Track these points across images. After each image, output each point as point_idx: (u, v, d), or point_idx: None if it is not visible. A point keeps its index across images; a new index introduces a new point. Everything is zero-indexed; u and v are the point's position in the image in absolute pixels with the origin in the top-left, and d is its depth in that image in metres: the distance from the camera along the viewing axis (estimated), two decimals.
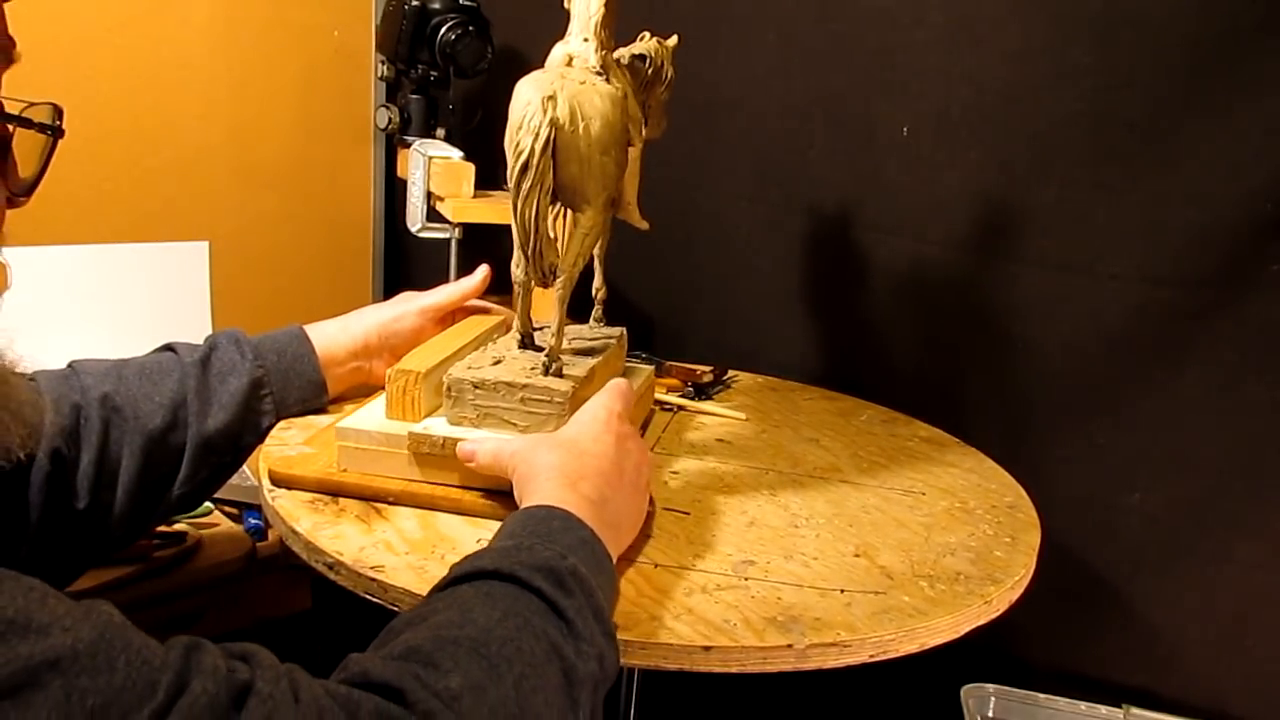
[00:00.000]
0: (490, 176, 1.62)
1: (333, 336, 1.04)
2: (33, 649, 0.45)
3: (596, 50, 0.91)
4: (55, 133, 0.69)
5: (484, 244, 1.70)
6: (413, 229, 1.65)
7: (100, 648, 0.47)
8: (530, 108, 0.84)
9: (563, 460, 0.77)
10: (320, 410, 1.03)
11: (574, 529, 0.70)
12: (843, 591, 0.78)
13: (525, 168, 0.83)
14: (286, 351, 1.00)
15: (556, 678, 0.59)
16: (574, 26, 0.93)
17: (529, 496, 0.75)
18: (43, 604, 0.47)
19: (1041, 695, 1.23)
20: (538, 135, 0.83)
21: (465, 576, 0.64)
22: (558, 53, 0.93)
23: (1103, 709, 1.22)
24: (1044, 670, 1.29)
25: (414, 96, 1.79)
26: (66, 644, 0.46)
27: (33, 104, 0.69)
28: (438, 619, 0.60)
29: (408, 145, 1.71)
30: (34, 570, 0.85)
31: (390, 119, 1.81)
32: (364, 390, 1.07)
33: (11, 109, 0.67)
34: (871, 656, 0.72)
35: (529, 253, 0.87)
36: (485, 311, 1.16)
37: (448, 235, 1.65)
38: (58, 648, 0.46)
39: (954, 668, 1.22)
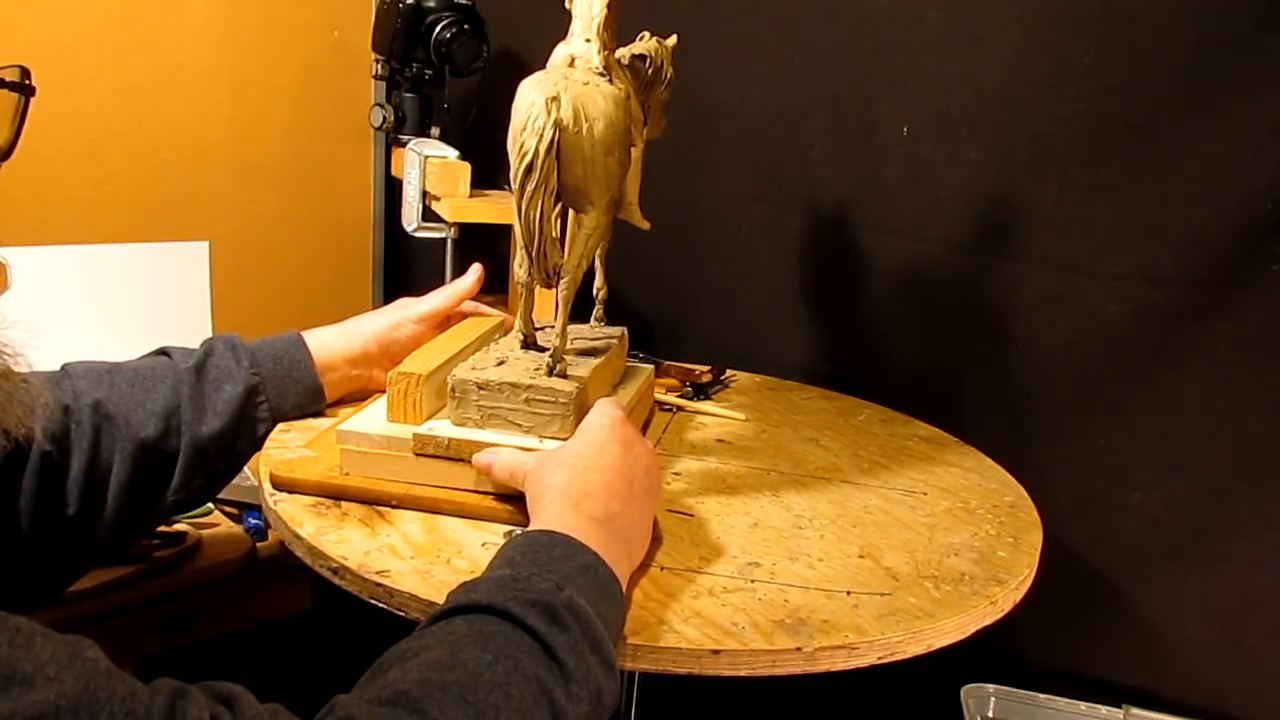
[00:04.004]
0: (486, 176, 1.61)
1: (330, 343, 1.03)
2: (15, 705, 0.44)
3: (599, 51, 0.91)
4: (25, 91, 0.69)
5: (480, 244, 1.70)
6: (408, 228, 1.64)
7: (84, 701, 0.46)
8: (534, 109, 0.84)
9: (567, 480, 0.76)
10: (318, 415, 1.03)
11: (575, 555, 0.69)
12: (849, 593, 0.78)
13: (530, 169, 0.83)
14: (283, 358, 0.99)
15: None
16: (576, 27, 0.93)
17: (535, 519, 0.75)
18: (28, 649, 0.46)
19: (1041, 695, 1.23)
20: (542, 136, 0.83)
21: (459, 609, 0.64)
22: (560, 53, 0.93)
23: (1103, 709, 1.22)
24: (1044, 670, 1.29)
25: (409, 95, 1.78)
26: (50, 699, 0.45)
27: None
28: (427, 658, 0.59)
29: (403, 144, 1.71)
30: (24, 577, 0.86)
31: (385, 118, 1.81)
32: (362, 395, 1.06)
33: None
34: (879, 659, 0.72)
35: (533, 254, 0.87)
36: (481, 314, 1.16)
37: (443, 235, 1.64)
38: (40, 704, 0.45)
39: (954, 668, 1.22)
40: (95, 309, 1.55)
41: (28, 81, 0.69)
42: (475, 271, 1.14)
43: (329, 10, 1.90)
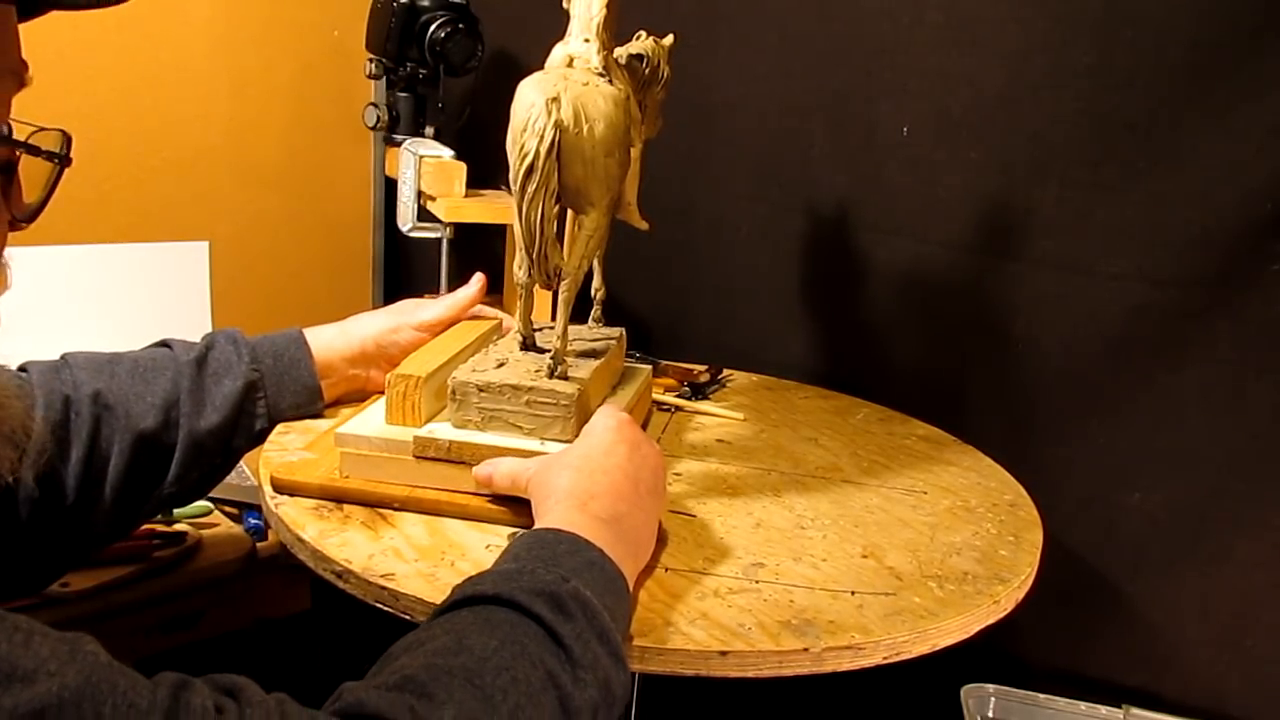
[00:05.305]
0: (482, 175, 1.61)
1: (330, 342, 1.03)
2: (17, 699, 0.44)
3: (598, 51, 0.91)
4: (63, 161, 0.68)
5: (476, 244, 1.70)
6: (403, 229, 1.64)
7: (86, 694, 0.46)
8: (534, 110, 0.83)
9: (573, 481, 0.76)
10: (316, 415, 1.02)
11: (581, 551, 0.69)
12: (853, 593, 0.78)
13: (530, 170, 0.83)
14: (284, 355, 0.99)
15: (553, 707, 0.59)
16: (574, 27, 0.92)
17: (540, 521, 0.75)
18: (27, 646, 0.46)
19: (1041, 695, 1.23)
20: (542, 138, 0.83)
21: (465, 600, 0.64)
22: (558, 54, 0.92)
23: (1103, 709, 1.22)
24: (1044, 670, 1.29)
25: (403, 95, 1.78)
26: (52, 692, 0.45)
27: (42, 129, 0.68)
28: (434, 645, 0.59)
29: (397, 144, 1.70)
30: (19, 566, 0.86)
31: (379, 117, 1.81)
32: (359, 396, 1.06)
33: (20, 133, 0.66)
34: (885, 659, 0.73)
35: (533, 255, 0.86)
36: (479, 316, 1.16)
37: (439, 235, 1.64)
38: (43, 696, 0.45)
39: (954, 668, 1.22)
40: (95, 309, 1.55)
41: (67, 151, 0.68)
42: (478, 281, 1.13)
43: (328, 10, 1.90)
